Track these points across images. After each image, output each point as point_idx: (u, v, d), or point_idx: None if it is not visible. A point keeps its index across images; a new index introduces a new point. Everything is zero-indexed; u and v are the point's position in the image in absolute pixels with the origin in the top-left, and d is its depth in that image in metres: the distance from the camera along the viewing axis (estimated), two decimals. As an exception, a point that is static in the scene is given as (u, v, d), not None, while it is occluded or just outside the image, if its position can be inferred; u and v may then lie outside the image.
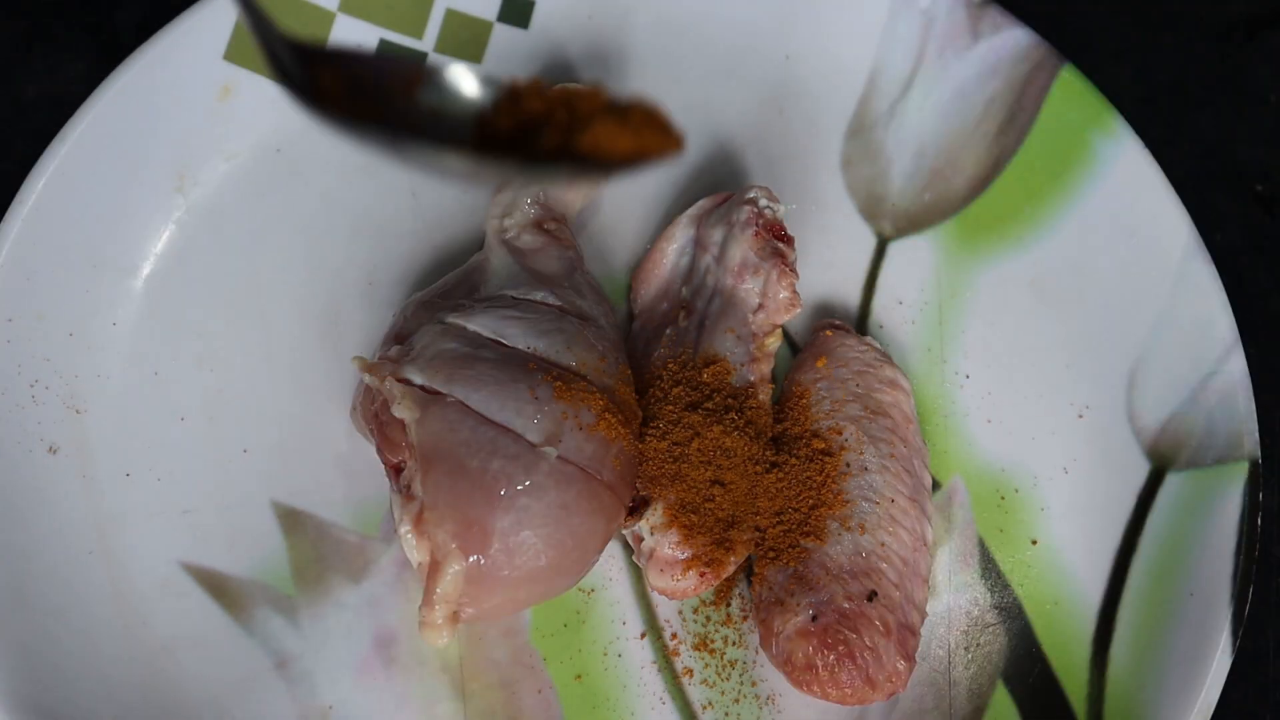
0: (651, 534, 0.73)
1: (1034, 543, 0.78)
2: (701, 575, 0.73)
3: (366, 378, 0.71)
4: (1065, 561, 0.77)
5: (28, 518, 0.75)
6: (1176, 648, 0.74)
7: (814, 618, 0.71)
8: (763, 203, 0.77)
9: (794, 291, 0.76)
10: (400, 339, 0.74)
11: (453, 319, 0.72)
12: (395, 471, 0.71)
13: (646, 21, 0.84)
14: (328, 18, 0.82)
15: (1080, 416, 0.79)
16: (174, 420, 0.78)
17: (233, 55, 0.81)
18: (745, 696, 0.75)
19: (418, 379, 0.70)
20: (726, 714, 0.75)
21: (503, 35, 0.84)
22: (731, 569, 0.74)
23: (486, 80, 0.56)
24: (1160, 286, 0.79)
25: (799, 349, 0.80)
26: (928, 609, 0.76)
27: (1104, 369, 0.79)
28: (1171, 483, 0.77)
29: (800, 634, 0.71)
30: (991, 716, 0.75)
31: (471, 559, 0.68)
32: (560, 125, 0.53)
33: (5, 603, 0.73)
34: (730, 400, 0.74)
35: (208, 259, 0.80)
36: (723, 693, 0.75)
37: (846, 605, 0.71)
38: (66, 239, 0.78)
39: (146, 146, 0.80)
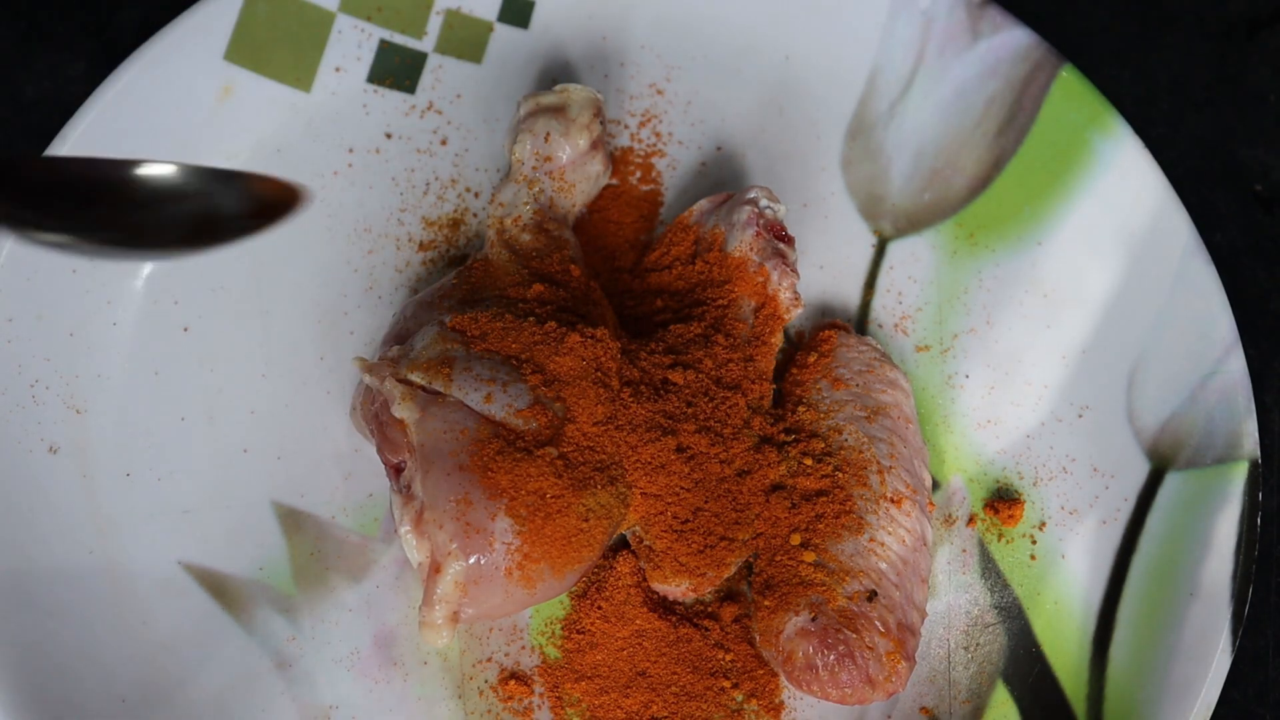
0: (652, 534, 0.73)
1: (1034, 543, 0.78)
2: (701, 575, 0.73)
3: (367, 378, 0.71)
4: (1065, 561, 0.77)
5: (28, 518, 0.75)
6: (1176, 648, 0.74)
7: (814, 618, 0.71)
8: (763, 203, 0.77)
9: (795, 292, 0.76)
10: (400, 339, 0.74)
11: (453, 319, 0.73)
12: (395, 471, 0.71)
13: (646, 21, 0.84)
14: (328, 18, 0.82)
15: (1080, 416, 0.79)
16: (174, 420, 0.78)
17: (233, 55, 0.81)
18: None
19: (418, 379, 0.70)
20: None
21: (503, 35, 0.84)
22: (732, 569, 0.74)
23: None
24: (1160, 286, 0.79)
25: (799, 349, 0.80)
26: (928, 609, 0.76)
27: (1104, 369, 0.79)
28: (1171, 483, 0.77)
29: (800, 634, 0.71)
30: (991, 716, 0.75)
31: (471, 559, 0.68)
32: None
33: (5, 602, 0.73)
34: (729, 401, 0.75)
35: (208, 259, 0.80)
36: (723, 693, 0.75)
37: (846, 605, 0.71)
38: (66, 239, 0.78)
39: (146, 146, 0.80)
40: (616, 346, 0.73)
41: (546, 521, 0.69)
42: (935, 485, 0.79)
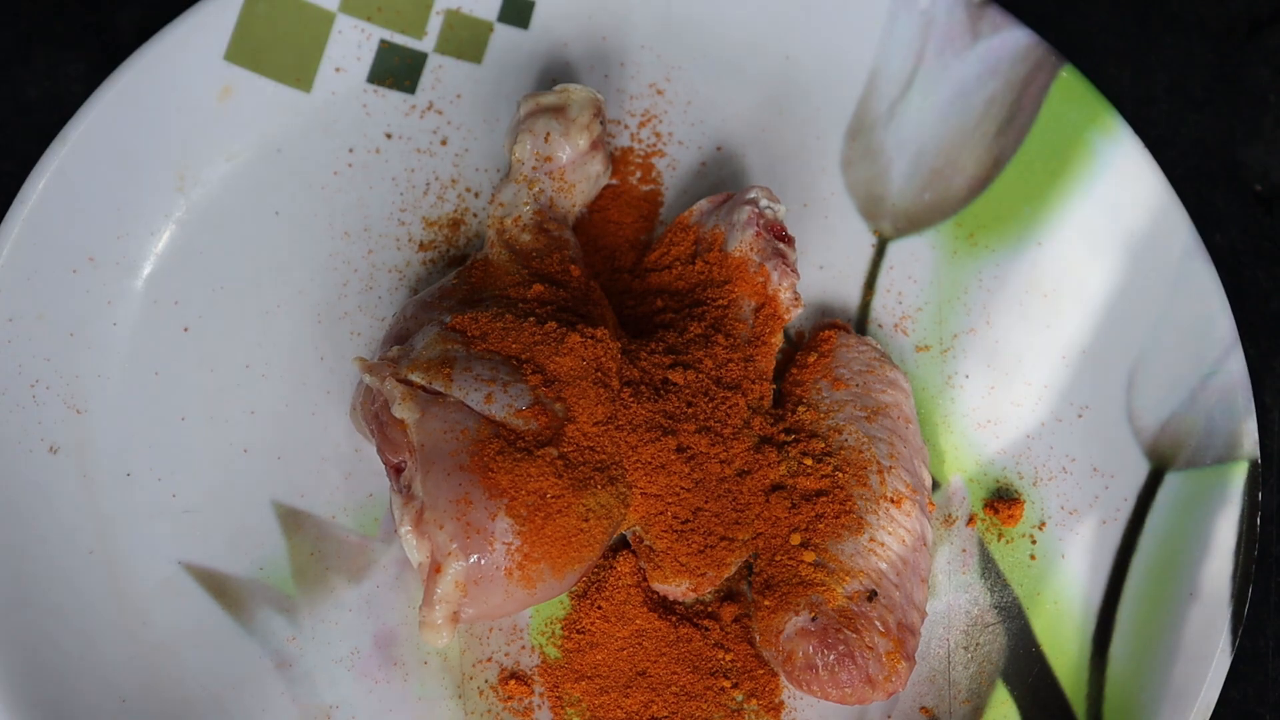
0: (652, 534, 0.73)
1: (1034, 543, 0.78)
2: (701, 575, 0.73)
3: (367, 378, 0.71)
4: (1065, 561, 0.77)
5: (28, 518, 0.75)
6: (1176, 648, 0.74)
7: (814, 618, 0.71)
8: (763, 203, 0.77)
9: (795, 292, 0.76)
10: (401, 339, 0.74)
11: (453, 319, 0.73)
12: (395, 471, 0.71)
13: (646, 21, 0.84)
14: (328, 18, 0.82)
15: (1080, 416, 0.79)
16: (174, 420, 0.78)
17: (233, 55, 0.81)
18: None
19: (418, 379, 0.70)
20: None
21: (503, 35, 0.84)
22: (732, 569, 0.74)
23: None
24: (1160, 286, 0.79)
25: (799, 349, 0.80)
26: (928, 609, 0.76)
27: (1104, 369, 0.79)
28: (1171, 483, 0.77)
29: (800, 634, 0.71)
30: (991, 716, 0.75)
31: (471, 559, 0.68)
32: None
33: (5, 603, 0.73)
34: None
35: (208, 259, 0.80)
36: (723, 693, 0.75)
37: (846, 605, 0.71)
38: (66, 239, 0.78)
39: (146, 146, 0.80)
40: (616, 346, 0.73)
41: (546, 521, 0.69)
42: (935, 485, 0.79)
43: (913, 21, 0.83)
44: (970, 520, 0.78)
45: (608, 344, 0.72)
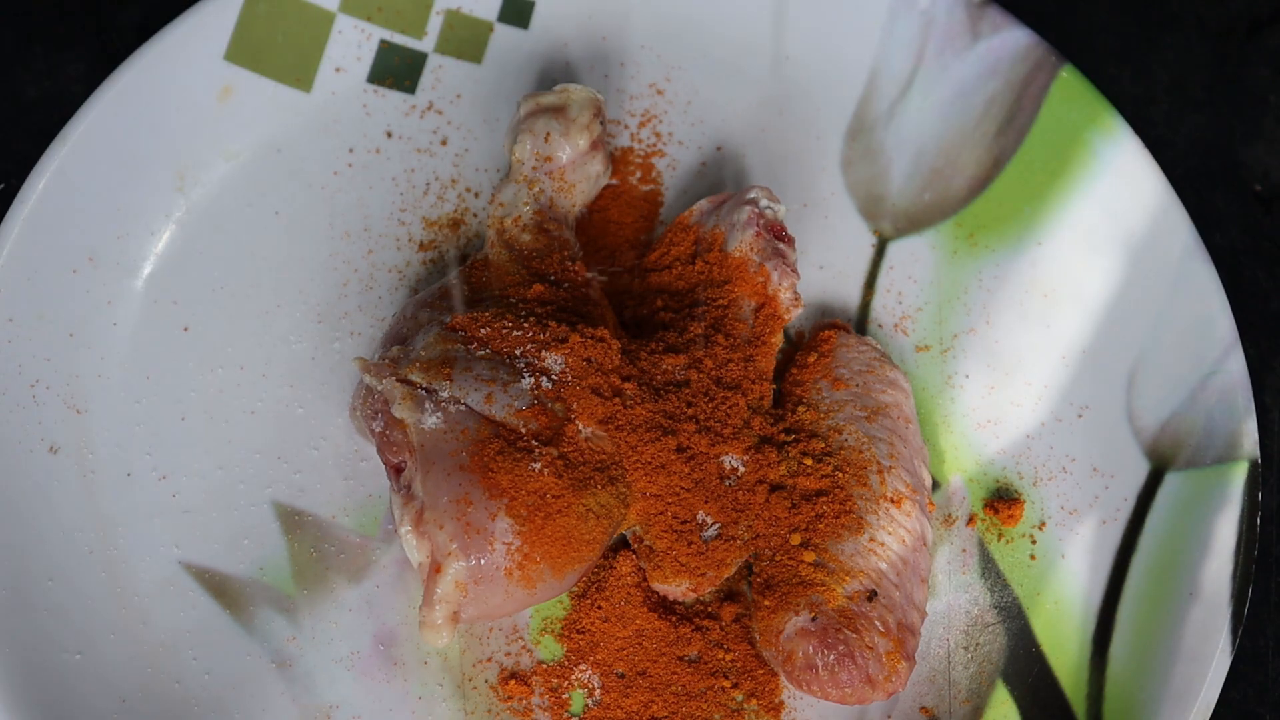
0: (652, 534, 0.73)
1: (1034, 543, 0.78)
2: (701, 575, 0.73)
3: (367, 378, 0.71)
4: (1065, 561, 0.77)
5: (28, 518, 0.75)
6: (1176, 648, 0.74)
7: (814, 618, 0.71)
8: (763, 203, 0.77)
9: (795, 292, 0.76)
10: (400, 339, 0.74)
11: (453, 319, 0.73)
12: (395, 471, 0.71)
13: (646, 21, 0.84)
14: (328, 18, 0.82)
15: (1080, 416, 0.79)
16: (174, 420, 0.78)
17: (233, 55, 0.81)
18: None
19: (418, 379, 0.70)
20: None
21: (503, 35, 0.84)
22: (732, 569, 0.74)
23: None
24: (1160, 286, 0.79)
25: (799, 349, 0.80)
26: (928, 609, 0.76)
27: (1103, 369, 0.79)
28: (1171, 483, 0.77)
29: (800, 634, 0.71)
30: (991, 716, 0.75)
31: (471, 559, 0.68)
32: None
33: (5, 603, 0.73)
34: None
35: (208, 259, 0.80)
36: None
37: (846, 605, 0.71)
38: (66, 239, 0.78)
39: (146, 146, 0.80)
40: (617, 346, 0.73)
41: (546, 521, 0.69)
42: (935, 485, 0.79)
43: (913, 21, 0.83)
44: (970, 520, 0.78)
45: (608, 344, 0.72)
